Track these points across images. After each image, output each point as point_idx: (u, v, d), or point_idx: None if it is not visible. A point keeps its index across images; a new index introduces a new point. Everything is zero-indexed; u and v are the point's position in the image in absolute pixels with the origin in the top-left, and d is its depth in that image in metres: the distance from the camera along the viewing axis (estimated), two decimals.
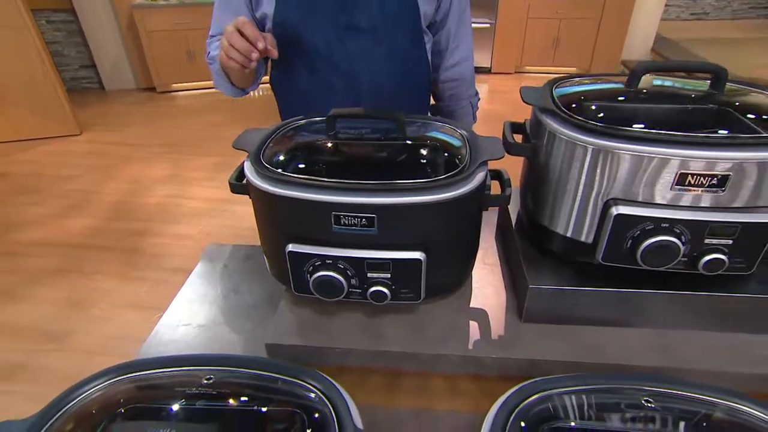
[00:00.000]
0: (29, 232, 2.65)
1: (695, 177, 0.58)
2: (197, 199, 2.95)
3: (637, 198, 0.61)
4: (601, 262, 0.66)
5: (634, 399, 0.54)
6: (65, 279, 2.30)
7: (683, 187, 0.59)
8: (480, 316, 0.75)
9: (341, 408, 0.51)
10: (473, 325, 0.73)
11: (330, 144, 0.74)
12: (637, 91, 0.69)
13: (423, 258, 0.64)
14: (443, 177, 0.63)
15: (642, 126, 0.60)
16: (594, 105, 0.69)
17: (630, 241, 0.62)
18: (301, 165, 0.70)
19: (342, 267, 0.65)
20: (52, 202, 2.94)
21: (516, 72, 5.15)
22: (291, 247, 0.65)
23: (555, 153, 0.66)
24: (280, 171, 0.65)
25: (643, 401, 0.53)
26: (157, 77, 4.66)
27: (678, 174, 0.58)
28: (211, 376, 0.55)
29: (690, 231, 0.60)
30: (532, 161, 0.74)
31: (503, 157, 0.69)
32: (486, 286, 0.80)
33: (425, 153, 0.74)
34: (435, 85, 1.23)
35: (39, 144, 3.69)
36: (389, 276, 0.66)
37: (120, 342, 1.93)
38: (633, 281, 0.67)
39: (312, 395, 0.53)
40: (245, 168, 0.69)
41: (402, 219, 0.63)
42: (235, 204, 2.82)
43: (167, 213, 2.82)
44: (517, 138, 0.77)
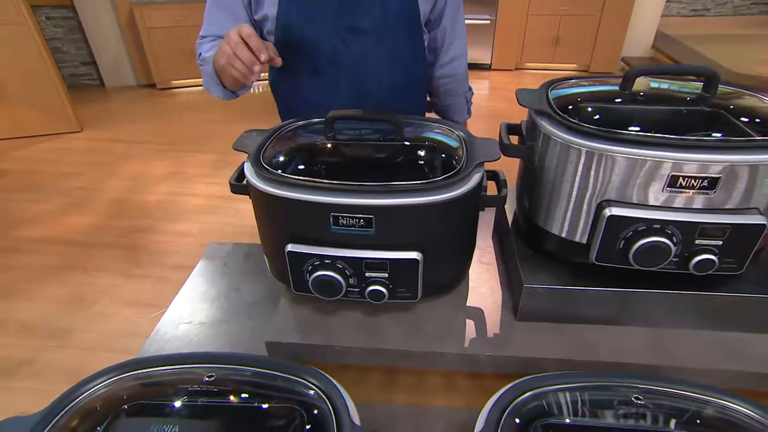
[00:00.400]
0: (31, 229, 2.67)
1: (686, 179, 0.59)
2: (198, 197, 2.96)
3: (630, 200, 0.63)
4: (595, 262, 0.67)
5: (625, 396, 0.55)
6: (67, 276, 2.31)
7: (675, 189, 0.60)
8: (476, 314, 0.76)
9: (339, 405, 0.52)
10: (469, 324, 0.75)
11: (329, 145, 0.75)
12: (631, 94, 0.70)
13: (420, 258, 0.65)
14: (440, 178, 0.64)
15: (635, 129, 0.61)
16: (589, 107, 0.70)
17: (623, 242, 0.64)
18: (300, 166, 0.72)
19: (340, 267, 0.66)
20: (53, 199, 2.95)
21: (516, 69, 5.13)
22: (290, 247, 0.66)
23: (550, 155, 0.67)
24: (279, 172, 0.66)
25: (634, 398, 0.54)
26: (158, 74, 4.65)
27: (669, 176, 0.59)
28: (213, 373, 0.56)
29: (681, 232, 0.61)
30: (527, 162, 0.75)
31: (499, 159, 0.70)
32: (482, 284, 0.81)
33: (422, 154, 0.75)
34: (430, 82, 1.23)
35: (39, 141, 3.69)
36: (387, 275, 0.67)
37: (122, 339, 1.95)
38: (626, 281, 0.69)
39: (311, 392, 0.55)
40: (245, 169, 0.70)
41: (399, 220, 0.64)
42: (237, 201, 2.82)
43: (168, 210, 2.83)
44: (514, 139, 0.78)
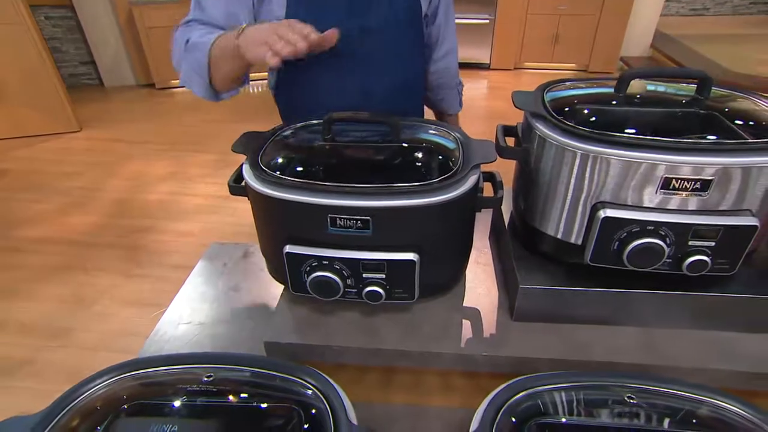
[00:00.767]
0: (31, 229, 2.67)
1: (679, 181, 0.60)
2: (198, 196, 2.97)
3: (624, 201, 0.63)
4: (590, 263, 0.68)
5: (618, 396, 0.56)
6: (68, 276, 2.32)
7: (668, 191, 0.61)
8: (472, 314, 0.77)
9: (336, 404, 0.53)
10: (466, 324, 0.75)
11: (326, 147, 0.75)
12: (626, 96, 0.71)
13: (417, 259, 0.66)
14: (436, 180, 0.64)
15: (630, 131, 0.62)
16: (584, 110, 0.70)
17: (617, 243, 0.64)
18: (298, 168, 0.72)
19: (338, 268, 0.67)
20: (53, 198, 2.95)
21: (515, 68, 5.14)
22: (288, 248, 0.67)
23: (545, 157, 0.68)
24: (277, 174, 0.66)
25: (627, 398, 0.55)
26: (157, 74, 4.66)
27: (663, 178, 0.60)
28: (211, 373, 0.57)
29: (674, 233, 0.62)
30: (523, 164, 0.76)
31: (495, 161, 0.71)
32: (479, 285, 0.82)
33: (419, 156, 0.76)
34: (425, 77, 1.24)
35: (39, 141, 3.69)
36: (384, 276, 0.67)
37: (122, 338, 1.96)
38: (620, 282, 0.69)
39: (309, 392, 0.55)
40: (244, 171, 0.70)
41: (396, 221, 0.65)
42: (236, 201, 2.79)
43: (168, 210, 2.84)
44: (510, 141, 0.79)
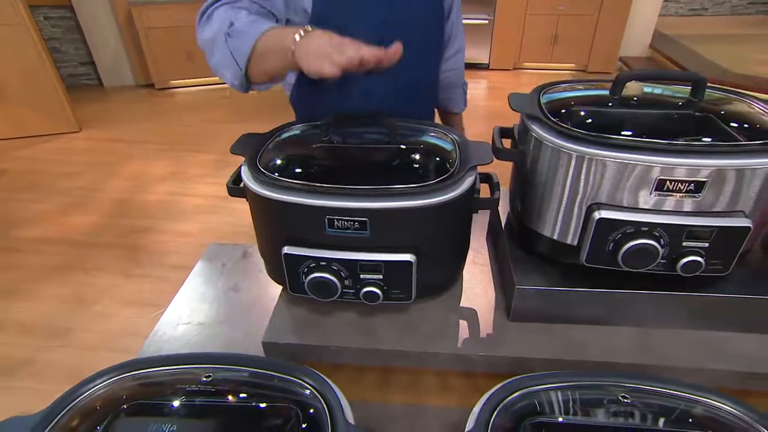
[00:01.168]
0: (31, 229, 2.68)
1: (674, 183, 0.60)
2: (198, 197, 2.97)
3: (619, 203, 0.64)
4: (585, 263, 0.68)
5: (613, 395, 0.56)
6: (68, 276, 2.32)
7: (662, 193, 0.61)
8: (469, 315, 0.78)
9: (333, 404, 0.53)
10: (463, 324, 0.76)
11: (324, 149, 0.76)
12: (622, 98, 0.72)
13: (414, 260, 0.66)
14: (433, 182, 0.65)
15: (625, 133, 0.63)
16: (580, 112, 0.71)
17: (612, 244, 0.65)
18: (297, 169, 0.73)
19: (335, 269, 0.68)
20: (53, 199, 2.96)
21: (514, 68, 5.15)
22: (286, 250, 0.68)
23: (541, 159, 0.69)
24: (275, 175, 0.67)
25: (621, 397, 0.55)
26: (156, 74, 4.66)
27: (657, 180, 0.60)
28: (210, 374, 0.58)
29: (668, 234, 0.62)
30: (519, 166, 0.76)
31: (492, 162, 0.71)
32: (476, 285, 0.83)
33: (416, 158, 0.77)
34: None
35: (38, 141, 3.70)
36: (381, 277, 0.68)
37: (122, 338, 1.96)
38: (615, 282, 0.70)
39: (306, 392, 0.56)
40: (242, 172, 0.71)
41: (393, 222, 0.65)
42: (236, 201, 2.78)
43: (168, 210, 2.84)
44: (507, 142, 0.79)
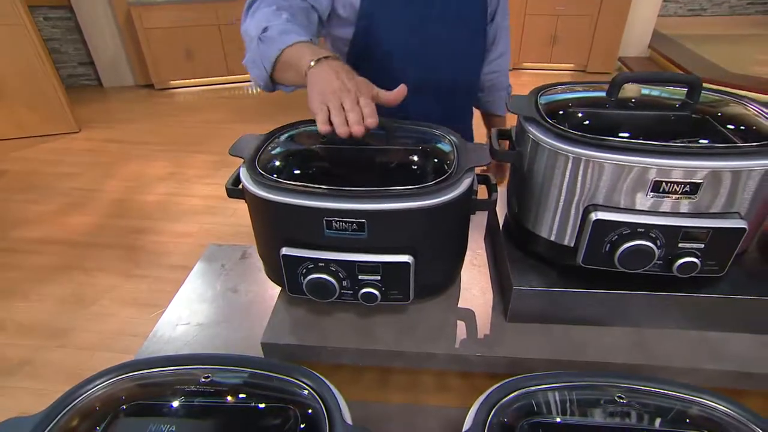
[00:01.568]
0: (30, 229, 2.68)
1: (670, 184, 0.61)
2: (197, 197, 2.98)
3: (616, 204, 0.64)
4: (582, 264, 0.68)
5: (609, 395, 0.57)
6: (67, 276, 2.32)
7: (658, 194, 0.62)
8: (467, 315, 0.78)
9: (331, 404, 0.54)
10: (460, 325, 0.76)
11: (323, 150, 0.76)
12: (619, 100, 0.72)
13: (411, 261, 0.67)
14: (431, 183, 0.65)
15: (622, 135, 0.63)
16: (577, 113, 0.71)
17: (608, 245, 0.65)
18: (295, 171, 0.73)
19: (334, 270, 0.68)
20: (52, 199, 2.96)
21: (514, 68, 5.15)
22: (285, 251, 0.68)
23: (538, 160, 0.69)
24: (274, 177, 0.67)
25: (617, 398, 0.56)
26: (156, 74, 4.66)
27: (653, 181, 0.61)
28: (209, 374, 0.58)
29: (665, 235, 0.63)
30: (517, 167, 0.77)
31: (490, 164, 0.71)
32: (474, 286, 0.83)
33: (414, 159, 0.77)
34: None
35: (38, 141, 3.70)
36: (379, 278, 0.68)
37: (122, 339, 1.97)
38: (612, 283, 0.70)
39: (305, 392, 0.56)
40: (241, 174, 0.71)
41: (391, 224, 0.65)
42: (235, 202, 2.79)
43: (167, 210, 2.85)
44: (505, 144, 0.80)
